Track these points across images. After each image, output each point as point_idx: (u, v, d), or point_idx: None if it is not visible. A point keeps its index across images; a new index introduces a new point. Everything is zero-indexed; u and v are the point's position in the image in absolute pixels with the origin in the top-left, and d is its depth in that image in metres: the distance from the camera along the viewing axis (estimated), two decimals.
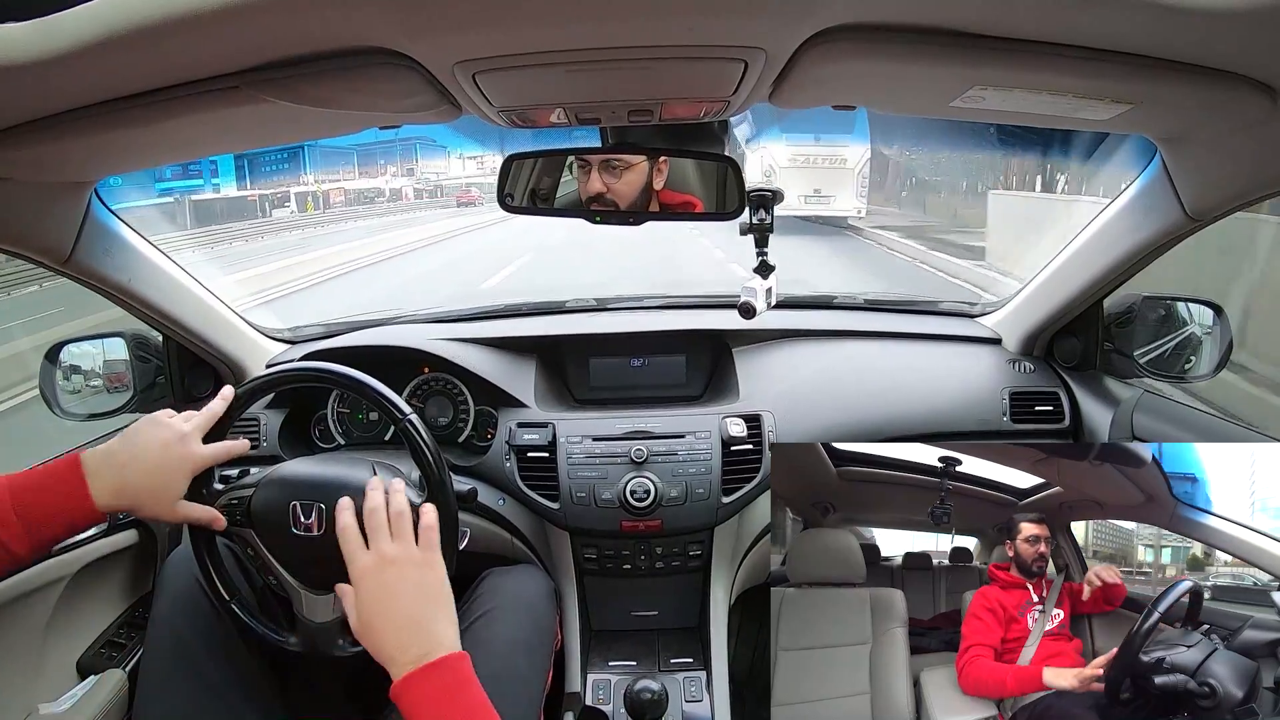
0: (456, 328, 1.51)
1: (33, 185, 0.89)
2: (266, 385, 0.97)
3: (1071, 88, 0.68)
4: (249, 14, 0.53)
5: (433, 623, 0.73)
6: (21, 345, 6.08)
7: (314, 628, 0.93)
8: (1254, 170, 0.86)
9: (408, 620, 0.72)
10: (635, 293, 1.69)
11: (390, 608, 0.73)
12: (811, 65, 0.65)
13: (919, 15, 0.59)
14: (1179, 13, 0.54)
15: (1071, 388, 1.38)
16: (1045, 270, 1.35)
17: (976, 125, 9.13)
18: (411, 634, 0.71)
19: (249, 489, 0.95)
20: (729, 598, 1.34)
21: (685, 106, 0.81)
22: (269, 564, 0.94)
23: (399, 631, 0.72)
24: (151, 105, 0.68)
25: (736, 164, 1.01)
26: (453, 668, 0.70)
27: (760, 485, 1.30)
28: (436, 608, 0.74)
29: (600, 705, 1.23)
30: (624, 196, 1.04)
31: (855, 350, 1.48)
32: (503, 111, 0.78)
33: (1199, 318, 1.27)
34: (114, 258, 1.10)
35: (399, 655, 0.70)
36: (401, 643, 0.71)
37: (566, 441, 1.31)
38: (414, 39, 0.59)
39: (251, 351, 1.43)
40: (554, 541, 1.33)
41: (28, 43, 0.56)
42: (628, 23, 0.58)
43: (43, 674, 1.04)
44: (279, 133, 0.91)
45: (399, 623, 0.72)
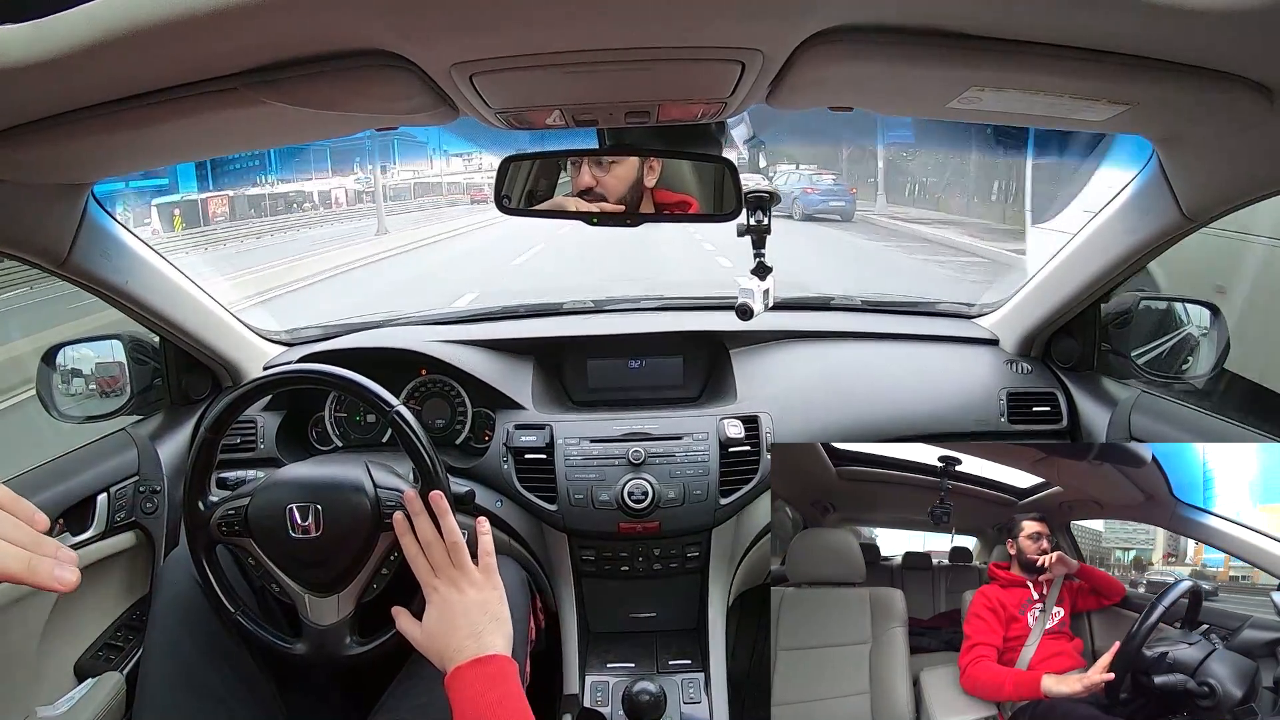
0: (454, 330, 1.51)
1: (30, 187, 0.89)
2: (257, 390, 0.97)
3: (1069, 88, 0.68)
4: (246, 16, 0.52)
5: (486, 634, 0.82)
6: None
7: (321, 631, 0.94)
8: (1251, 171, 0.86)
9: (469, 632, 0.82)
10: (632, 294, 1.69)
11: (455, 623, 0.83)
12: (809, 67, 0.65)
13: (916, 16, 0.59)
14: (1176, 14, 0.54)
15: (1069, 388, 1.38)
16: (1042, 271, 1.35)
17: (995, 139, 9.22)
18: (467, 640, 0.81)
19: (244, 499, 0.95)
20: (727, 599, 1.34)
21: (682, 108, 0.81)
22: (271, 571, 0.94)
23: (461, 639, 0.82)
24: (148, 107, 0.68)
25: (734, 165, 1.01)
26: (498, 663, 0.80)
27: (758, 487, 1.30)
28: (494, 623, 0.84)
29: (598, 707, 1.22)
30: (613, 190, 1.03)
31: (853, 352, 1.48)
32: (500, 113, 0.77)
33: (1196, 318, 1.27)
34: (111, 260, 1.10)
35: (456, 656, 0.80)
36: (460, 647, 0.81)
37: (564, 443, 1.31)
38: (411, 41, 0.59)
39: (249, 354, 1.43)
40: (552, 543, 1.33)
41: (24, 44, 0.56)
42: (625, 24, 0.58)
43: (41, 677, 1.04)
44: (276, 135, 0.91)
45: (461, 633, 0.82)
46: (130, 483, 1.20)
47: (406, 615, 0.89)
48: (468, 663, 0.79)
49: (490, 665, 0.79)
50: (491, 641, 0.82)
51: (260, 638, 0.96)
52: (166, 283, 1.23)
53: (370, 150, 20.30)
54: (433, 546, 0.88)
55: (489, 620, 0.84)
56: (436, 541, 0.88)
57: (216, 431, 0.97)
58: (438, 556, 0.87)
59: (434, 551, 0.87)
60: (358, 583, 0.94)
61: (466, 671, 0.78)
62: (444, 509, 0.89)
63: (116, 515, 1.17)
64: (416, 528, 0.89)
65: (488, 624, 0.83)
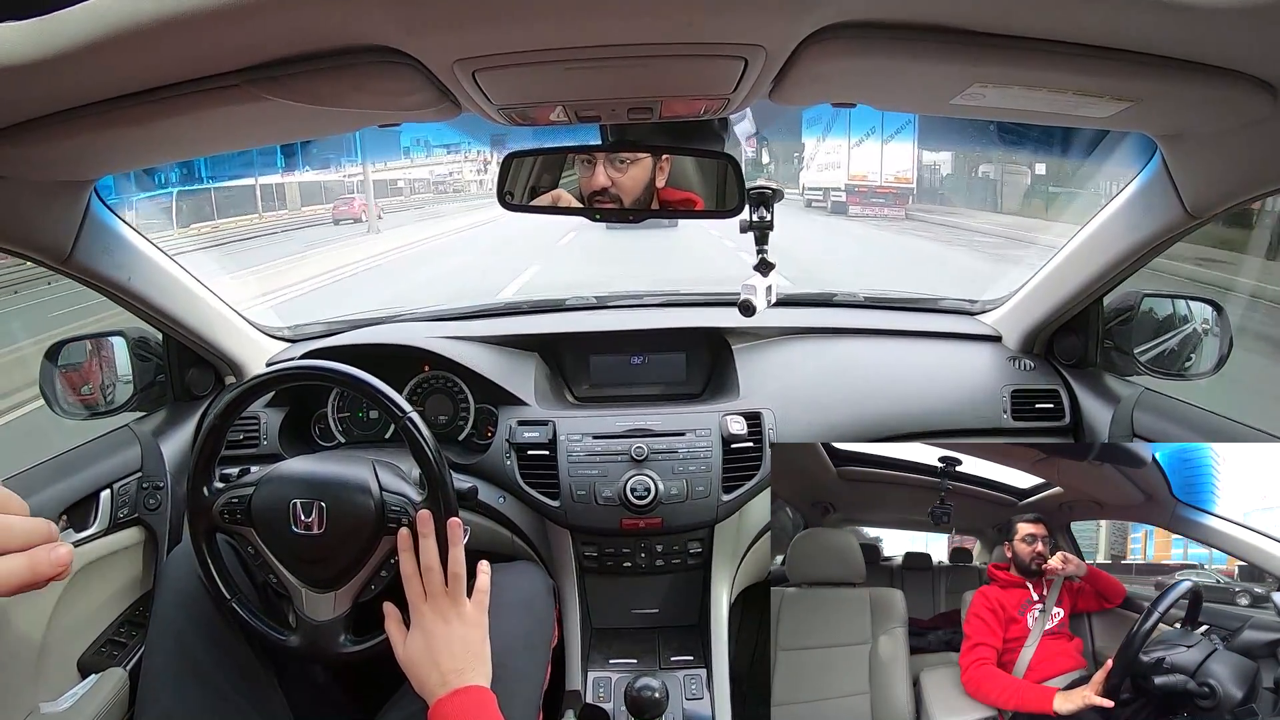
0: (456, 326, 1.51)
1: (32, 184, 0.89)
2: (266, 383, 0.97)
3: (1072, 85, 0.68)
4: (248, 12, 0.52)
5: (468, 671, 0.84)
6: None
7: (315, 626, 0.94)
8: (1254, 168, 0.86)
9: (451, 667, 0.84)
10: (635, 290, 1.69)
11: (438, 654, 0.85)
12: (812, 62, 0.65)
13: (919, 12, 0.59)
14: (1180, 10, 0.54)
15: (1072, 385, 1.38)
16: (1045, 267, 1.35)
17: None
18: (450, 675, 0.83)
19: (249, 488, 0.95)
20: (730, 595, 1.34)
21: (685, 104, 0.81)
22: (270, 562, 0.94)
23: (444, 672, 0.83)
24: (151, 104, 0.68)
25: (736, 161, 1.01)
26: (476, 695, 0.82)
27: (760, 483, 1.30)
28: (476, 661, 0.86)
29: (601, 703, 1.23)
30: (628, 191, 1.04)
31: (855, 348, 1.48)
32: (503, 109, 0.77)
33: (1199, 315, 1.27)
34: (114, 256, 1.10)
35: (436, 688, 0.82)
36: (442, 680, 0.83)
37: (567, 439, 1.31)
38: (414, 37, 0.59)
39: (252, 350, 1.43)
40: (554, 539, 1.33)
41: (26, 42, 0.56)
42: (628, 20, 0.58)
43: (44, 673, 1.04)
44: (278, 131, 0.91)
45: (443, 668, 0.84)
46: (133, 479, 1.21)
47: (397, 620, 0.89)
48: (449, 695, 0.81)
49: (469, 696, 0.81)
50: (471, 679, 0.83)
51: (254, 627, 0.96)
52: (169, 279, 1.23)
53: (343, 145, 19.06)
54: (432, 572, 0.88)
55: (472, 659, 0.85)
56: (438, 569, 0.88)
57: (225, 418, 0.97)
58: (434, 583, 0.88)
59: (432, 578, 0.88)
60: (356, 582, 0.94)
61: (447, 705, 0.80)
62: (457, 538, 0.90)
63: (120, 511, 1.17)
64: (421, 549, 0.89)
65: (470, 662, 0.85)
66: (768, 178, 1.03)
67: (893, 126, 13.86)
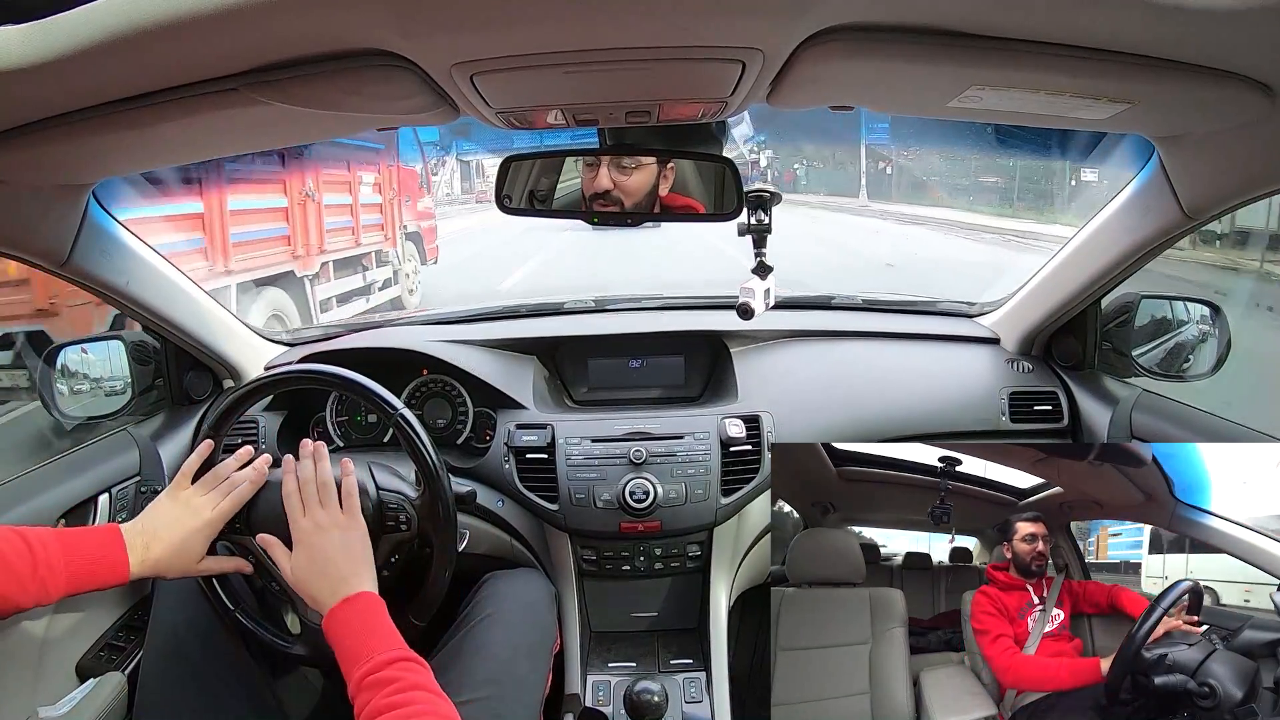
0: (455, 329, 1.51)
1: (31, 188, 0.89)
2: (261, 387, 0.98)
3: (1069, 87, 0.68)
4: (246, 16, 0.52)
5: (353, 576, 0.87)
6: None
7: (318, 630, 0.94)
8: (1251, 169, 0.86)
9: (335, 574, 0.86)
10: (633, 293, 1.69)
11: (322, 566, 0.87)
12: (809, 66, 0.65)
13: (917, 15, 0.59)
14: (1176, 12, 0.54)
15: (1070, 387, 1.38)
16: (1043, 270, 1.35)
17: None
18: (336, 584, 0.85)
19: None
20: (729, 598, 1.34)
21: (683, 107, 0.81)
22: (271, 570, 0.94)
23: (329, 582, 0.86)
24: (149, 108, 0.68)
25: (734, 165, 1.01)
26: (365, 600, 0.84)
27: (759, 486, 1.30)
28: (357, 564, 0.88)
29: (600, 706, 1.22)
30: (631, 195, 1.04)
31: (854, 351, 1.48)
32: (500, 113, 0.77)
33: (1197, 316, 1.27)
34: (112, 260, 1.10)
35: (328, 600, 0.84)
36: (331, 589, 0.85)
37: (565, 443, 1.31)
38: (411, 41, 0.59)
39: (250, 354, 1.43)
40: (553, 543, 1.33)
41: (24, 46, 0.56)
42: (625, 24, 0.58)
43: (42, 677, 1.03)
44: (276, 135, 0.91)
45: (329, 576, 0.86)
46: (131, 483, 1.20)
47: (278, 545, 0.91)
48: (338, 604, 0.83)
49: (358, 602, 0.84)
50: (356, 582, 0.86)
51: (259, 636, 0.96)
52: (167, 283, 1.23)
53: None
54: (307, 484, 0.92)
55: (356, 563, 0.88)
56: (311, 480, 0.92)
57: (219, 429, 0.97)
58: (309, 495, 0.92)
59: (307, 489, 0.92)
60: None
61: (339, 612, 0.83)
62: (322, 455, 0.95)
63: (118, 515, 1.17)
64: (299, 468, 0.93)
65: (355, 568, 0.88)
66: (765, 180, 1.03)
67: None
